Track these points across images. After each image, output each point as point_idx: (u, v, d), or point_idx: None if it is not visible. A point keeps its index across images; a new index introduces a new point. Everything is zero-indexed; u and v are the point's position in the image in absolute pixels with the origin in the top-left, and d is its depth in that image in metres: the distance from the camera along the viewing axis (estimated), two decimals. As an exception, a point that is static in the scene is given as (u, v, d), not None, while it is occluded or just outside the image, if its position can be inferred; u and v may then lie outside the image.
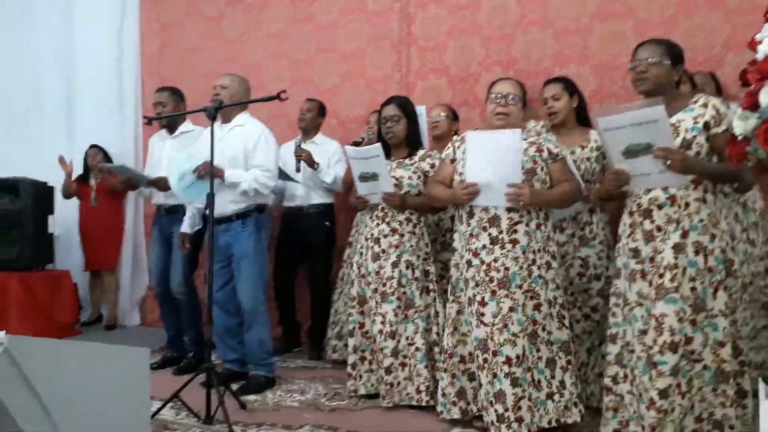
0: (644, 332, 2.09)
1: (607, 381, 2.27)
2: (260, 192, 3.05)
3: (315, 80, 4.46)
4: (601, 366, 2.82)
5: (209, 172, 2.86)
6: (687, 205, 2.09)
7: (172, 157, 3.45)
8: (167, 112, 3.50)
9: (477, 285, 2.45)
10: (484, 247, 2.45)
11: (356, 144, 3.39)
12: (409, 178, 2.85)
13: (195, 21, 5.02)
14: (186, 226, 3.28)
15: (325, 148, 3.83)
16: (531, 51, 3.70)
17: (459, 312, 2.56)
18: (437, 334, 2.80)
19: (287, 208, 3.93)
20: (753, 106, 1.49)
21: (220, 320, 3.16)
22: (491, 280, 2.41)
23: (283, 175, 3.58)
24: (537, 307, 2.41)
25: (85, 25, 5.41)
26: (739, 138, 1.52)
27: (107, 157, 4.77)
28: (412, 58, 4.11)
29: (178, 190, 3.01)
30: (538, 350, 2.41)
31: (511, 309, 2.38)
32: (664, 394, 2.02)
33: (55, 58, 5.53)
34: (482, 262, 2.44)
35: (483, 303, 2.42)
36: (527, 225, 2.44)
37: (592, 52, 3.52)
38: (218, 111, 2.69)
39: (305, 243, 3.81)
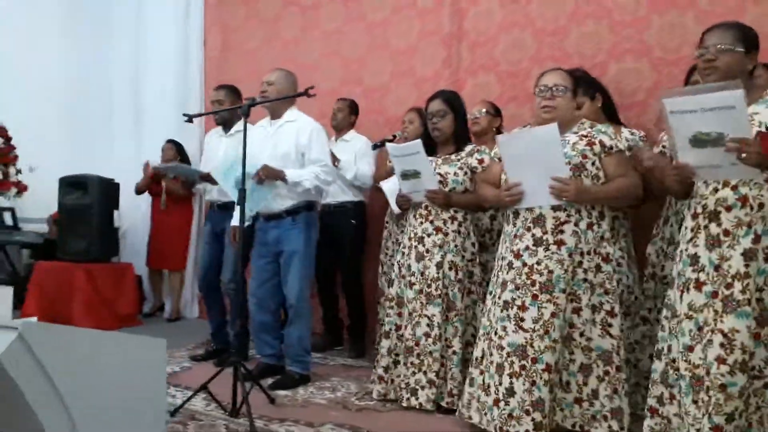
0: (690, 349, 1.89)
1: (651, 401, 2.07)
2: (321, 188, 3.08)
3: (366, 78, 4.46)
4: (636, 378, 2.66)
5: (272, 175, 2.93)
6: (761, 206, 1.83)
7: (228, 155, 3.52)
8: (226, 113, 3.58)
9: (517, 288, 2.32)
10: (527, 248, 2.32)
11: (387, 141, 3.33)
12: (455, 174, 2.76)
13: (254, 23, 5.14)
14: (236, 220, 3.33)
15: (354, 144, 3.84)
16: (585, 45, 3.52)
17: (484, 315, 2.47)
18: (472, 335, 2.71)
19: (321, 206, 3.94)
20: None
21: (258, 316, 3.20)
22: (533, 283, 2.28)
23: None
24: (576, 311, 2.27)
25: (152, 30, 5.67)
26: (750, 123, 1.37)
27: (181, 152, 4.95)
28: (463, 53, 4.01)
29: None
30: (571, 353, 2.27)
31: (554, 315, 2.24)
32: (731, 418, 1.80)
33: (124, 61, 5.83)
34: (524, 264, 2.31)
35: (523, 308, 2.29)
36: (576, 225, 2.28)
37: (649, 45, 3.30)
38: (251, 108, 2.70)
39: (336, 242, 3.81)
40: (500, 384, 2.28)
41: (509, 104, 3.67)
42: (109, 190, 4.82)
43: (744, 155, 1.67)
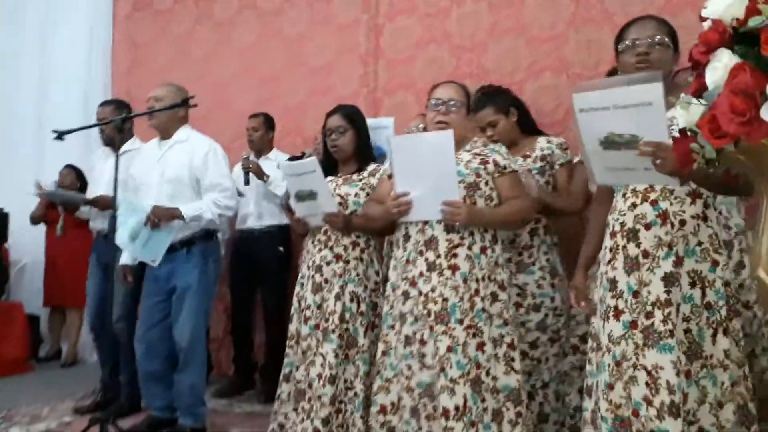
0: (610, 387, 1.64)
1: None
2: (225, 216, 2.76)
3: (282, 97, 4.17)
4: (573, 418, 2.44)
5: (167, 217, 2.61)
6: (683, 223, 1.64)
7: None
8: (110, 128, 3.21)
9: (416, 320, 2.06)
10: (421, 274, 2.07)
11: (296, 159, 3.03)
12: (356, 195, 2.48)
13: (165, 39, 4.80)
14: (127, 257, 2.95)
15: (276, 161, 3.52)
16: (503, 61, 3.36)
17: (384, 353, 2.18)
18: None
19: (239, 231, 3.61)
20: (699, 90, 1.11)
21: (145, 365, 2.81)
22: (428, 313, 2.03)
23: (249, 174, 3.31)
24: (480, 347, 2.01)
25: (58, 47, 5.27)
26: (687, 132, 1.14)
27: (81, 177, 4.51)
28: (380, 72, 3.80)
29: (137, 254, 2.70)
30: (483, 400, 1.99)
31: (450, 349, 1.99)
32: None
33: (27, 80, 5.38)
34: (420, 293, 2.06)
35: (422, 342, 2.04)
36: (469, 248, 2.06)
37: (568, 62, 3.16)
38: (125, 123, 2.38)
39: (257, 271, 3.47)
40: (420, 429, 2.01)
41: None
42: (-2, 222, 4.33)
43: (658, 161, 1.41)
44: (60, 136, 2.51)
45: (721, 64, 1.05)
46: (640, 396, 1.58)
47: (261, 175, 3.31)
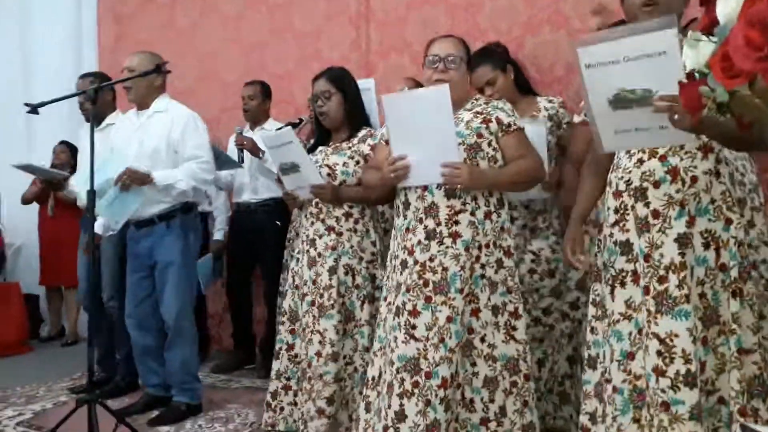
0: (630, 356, 1.55)
1: (583, 419, 1.72)
2: (199, 189, 2.65)
3: (270, 65, 4.04)
4: (561, 385, 2.37)
5: (138, 180, 2.49)
6: (694, 180, 1.50)
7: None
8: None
9: (408, 290, 1.95)
10: (419, 243, 1.96)
11: (293, 126, 2.89)
12: (344, 164, 2.36)
13: (149, 10, 4.64)
14: (99, 227, 2.87)
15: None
16: (499, 19, 3.21)
17: (378, 325, 2.09)
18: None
19: (236, 205, 3.52)
20: (709, 26, 1.00)
21: (139, 339, 2.76)
22: (426, 283, 1.92)
23: (227, 161, 3.18)
24: (474, 313, 1.92)
25: (42, 22, 5.12)
26: (695, 75, 1.02)
27: (76, 154, 4.40)
28: (372, 34, 3.65)
29: (101, 211, 2.59)
30: (473, 364, 1.92)
31: (449, 319, 1.88)
32: None
33: (11, 56, 5.24)
34: (416, 262, 1.95)
35: (415, 313, 1.92)
36: (472, 214, 1.94)
37: (566, 16, 3.01)
38: (98, 93, 2.26)
39: (255, 245, 3.38)
40: (389, 407, 1.90)
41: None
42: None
43: (676, 117, 1.25)
44: (34, 109, 2.39)
45: (734, -6, 0.94)
46: (651, 366, 1.49)
47: (256, 151, 3.18)
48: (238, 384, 3.27)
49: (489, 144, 1.98)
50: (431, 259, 1.93)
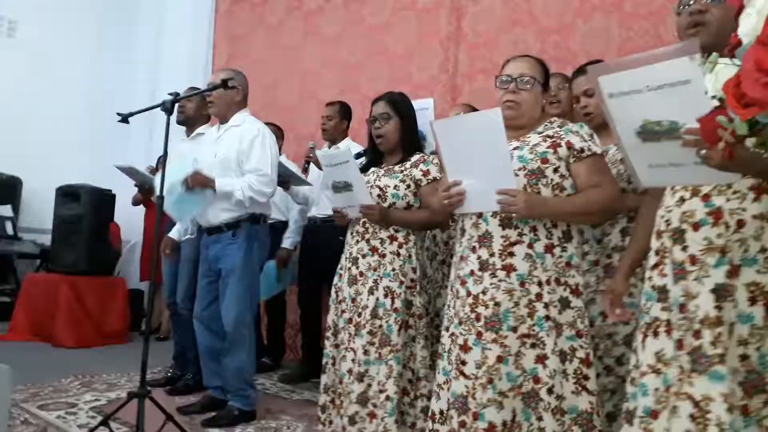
0: (653, 415, 1.37)
1: None
2: (256, 200, 2.73)
3: (363, 85, 4.12)
4: None
5: (200, 183, 2.65)
6: (740, 224, 1.32)
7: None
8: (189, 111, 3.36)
9: (461, 323, 1.86)
10: (471, 273, 1.86)
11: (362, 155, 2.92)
12: (395, 187, 2.33)
13: (259, 31, 4.94)
14: (174, 231, 3.07)
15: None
16: (592, 42, 3.04)
17: (440, 355, 1.99)
18: (409, 381, 2.27)
19: (307, 220, 3.61)
20: (735, 47, 0.86)
21: (205, 341, 2.88)
22: (477, 317, 1.81)
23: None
24: (540, 360, 1.76)
25: (169, 42, 5.60)
26: (713, 103, 0.89)
27: None
28: (461, 56, 3.61)
29: (167, 207, 2.76)
30: (539, 419, 1.75)
31: (500, 359, 1.76)
32: None
33: (144, 73, 5.77)
34: (468, 294, 1.85)
35: (466, 348, 1.82)
36: (530, 246, 1.81)
37: (665, 42, 2.78)
38: (173, 105, 2.41)
39: (321, 260, 3.43)
40: None
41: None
42: (102, 201, 4.67)
43: (703, 152, 1.09)
44: (124, 119, 2.60)
45: (755, 10, 0.81)
46: (682, 431, 1.30)
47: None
48: (300, 396, 3.31)
49: (555, 170, 1.83)
50: (483, 292, 1.82)
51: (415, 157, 2.39)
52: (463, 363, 1.81)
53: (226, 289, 2.73)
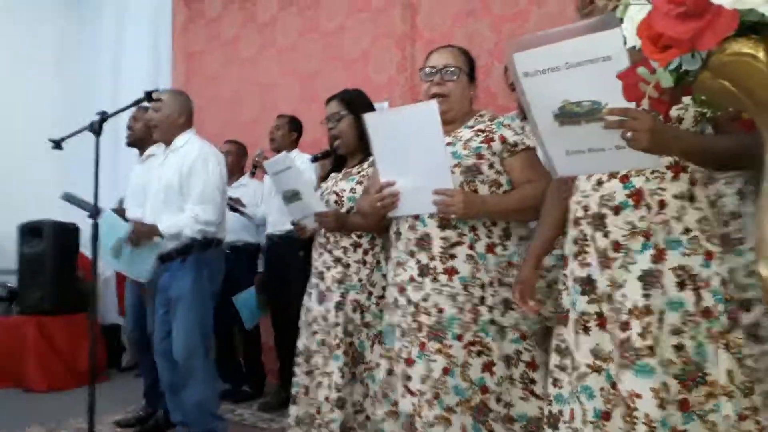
0: (605, 415, 1.24)
1: None
2: (206, 231, 2.58)
3: (322, 93, 3.92)
4: None
5: (145, 235, 2.55)
6: (662, 205, 1.23)
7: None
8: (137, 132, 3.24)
9: (403, 335, 1.74)
10: (411, 279, 1.74)
11: (317, 157, 2.76)
12: (351, 190, 2.18)
13: (215, 47, 4.80)
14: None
15: (302, 164, 3.30)
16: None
17: (389, 372, 1.85)
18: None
19: (266, 238, 3.48)
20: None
21: (166, 374, 2.71)
22: (420, 327, 1.69)
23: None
24: (488, 367, 1.65)
25: (128, 62, 5.44)
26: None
27: None
28: (417, 55, 3.48)
29: (126, 271, 2.73)
30: (490, 431, 1.63)
31: (446, 371, 1.64)
32: None
33: (104, 97, 5.61)
34: (409, 301, 1.73)
35: (409, 361, 1.71)
36: (470, 247, 1.69)
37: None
38: (101, 126, 2.28)
39: (285, 278, 3.28)
40: None
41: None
42: (67, 236, 4.49)
43: (629, 134, 1.00)
44: (57, 145, 2.46)
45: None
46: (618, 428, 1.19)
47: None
48: (278, 425, 3.13)
49: (491, 166, 1.73)
50: (425, 299, 1.70)
51: (372, 157, 2.24)
52: (408, 378, 1.69)
53: (174, 318, 2.58)
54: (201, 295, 2.61)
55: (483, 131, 1.77)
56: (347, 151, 2.28)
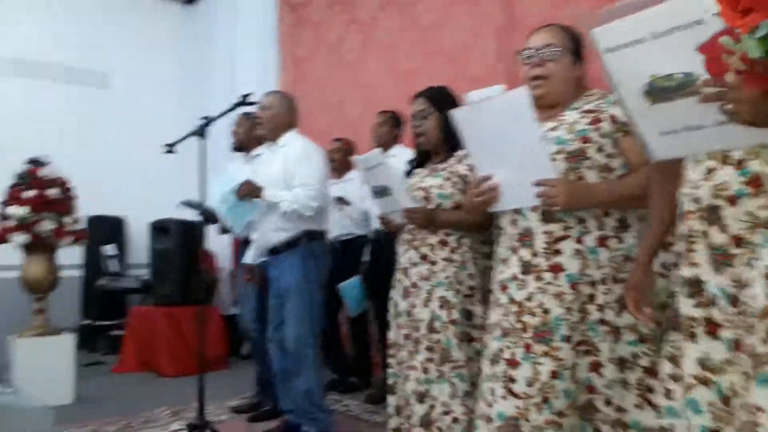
0: None
1: None
2: (302, 213, 2.69)
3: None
4: None
5: (249, 191, 2.70)
6: None
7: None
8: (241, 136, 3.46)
9: (505, 335, 1.67)
10: (514, 277, 1.66)
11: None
12: (440, 187, 2.16)
13: (321, 51, 4.96)
14: (248, 257, 3.10)
15: (401, 158, 3.32)
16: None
17: (479, 372, 1.82)
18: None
19: (374, 231, 3.54)
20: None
21: (278, 363, 2.85)
22: (524, 328, 1.62)
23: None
24: (595, 368, 1.55)
25: (242, 71, 5.75)
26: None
27: None
28: (517, 43, 3.37)
29: (224, 215, 2.90)
30: (597, 431, 1.56)
31: (555, 374, 1.55)
32: None
33: (221, 107, 5.98)
34: (511, 301, 1.66)
35: (513, 363, 1.63)
36: (579, 241, 1.59)
37: None
38: (205, 129, 2.45)
39: (389, 273, 3.32)
40: None
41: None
42: (191, 233, 4.85)
43: (729, 106, 0.86)
44: (171, 149, 2.68)
45: None
46: None
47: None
48: (382, 417, 3.19)
49: (599, 150, 1.59)
50: (528, 298, 1.62)
51: (460, 152, 2.20)
52: (512, 380, 1.61)
53: (285, 308, 2.71)
54: (309, 286, 2.72)
55: (591, 112, 1.64)
56: (431, 148, 2.27)
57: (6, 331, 3.80)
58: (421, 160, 2.33)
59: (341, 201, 3.64)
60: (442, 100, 2.22)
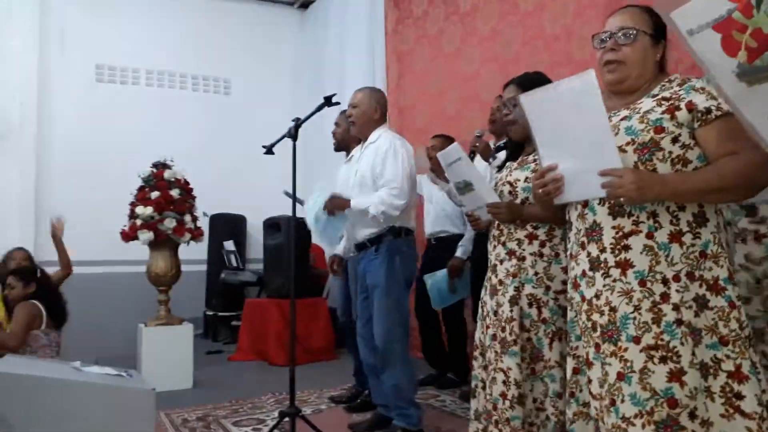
0: None
1: None
2: (389, 213, 2.70)
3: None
4: None
5: (337, 205, 2.77)
6: None
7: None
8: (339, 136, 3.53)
9: (580, 334, 1.61)
10: (583, 274, 1.58)
11: (501, 148, 2.69)
12: (526, 180, 2.05)
13: (422, 44, 4.93)
14: (340, 248, 3.21)
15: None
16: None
17: (576, 371, 1.71)
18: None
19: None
20: None
21: (367, 357, 2.89)
22: (593, 327, 1.53)
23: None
24: (675, 376, 1.41)
25: (351, 70, 5.88)
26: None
27: None
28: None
29: (317, 236, 2.96)
30: None
31: (621, 376, 1.45)
32: None
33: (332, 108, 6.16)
34: (582, 299, 1.58)
35: (588, 363, 1.56)
36: (649, 236, 1.47)
37: None
38: (297, 131, 2.50)
39: (481, 269, 3.23)
40: None
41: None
42: (301, 229, 5.02)
43: None
44: (269, 150, 2.79)
45: None
46: None
47: (488, 155, 3.03)
48: (476, 414, 3.12)
49: (674, 140, 1.46)
50: (597, 296, 1.53)
51: None
52: (589, 380, 1.55)
53: (372, 304, 2.74)
54: (395, 282, 2.73)
55: (668, 99, 1.50)
56: (521, 138, 2.16)
57: (136, 320, 4.18)
58: (513, 153, 2.24)
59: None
60: (534, 86, 2.11)
